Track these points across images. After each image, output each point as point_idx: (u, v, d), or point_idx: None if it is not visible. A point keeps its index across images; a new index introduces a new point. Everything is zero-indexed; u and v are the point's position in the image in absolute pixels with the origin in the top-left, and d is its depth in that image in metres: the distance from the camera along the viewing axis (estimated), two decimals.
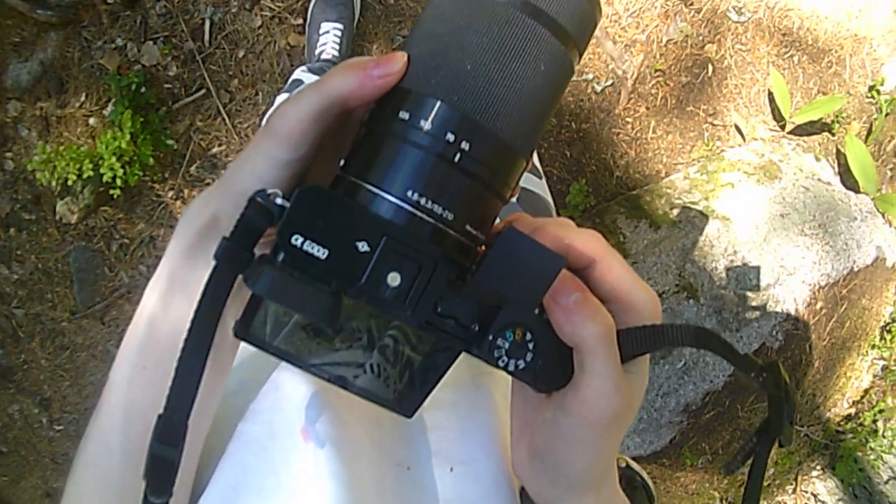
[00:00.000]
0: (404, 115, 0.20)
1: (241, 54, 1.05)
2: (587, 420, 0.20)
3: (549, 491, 0.22)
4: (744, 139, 1.16)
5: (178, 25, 1.06)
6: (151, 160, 1.05)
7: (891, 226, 1.31)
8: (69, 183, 1.08)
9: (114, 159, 1.04)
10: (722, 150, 1.14)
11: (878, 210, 1.24)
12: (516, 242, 0.19)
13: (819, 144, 1.22)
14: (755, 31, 1.13)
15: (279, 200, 0.19)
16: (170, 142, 1.07)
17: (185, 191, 1.11)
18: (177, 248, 0.22)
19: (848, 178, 1.23)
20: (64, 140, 1.15)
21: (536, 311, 0.20)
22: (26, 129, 1.17)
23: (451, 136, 0.20)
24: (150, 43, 1.08)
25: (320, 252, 0.18)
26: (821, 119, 1.20)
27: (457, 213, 0.20)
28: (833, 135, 1.23)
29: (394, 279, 0.19)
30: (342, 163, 0.21)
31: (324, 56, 0.97)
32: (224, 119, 1.06)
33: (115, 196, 1.07)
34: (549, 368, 0.21)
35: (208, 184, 1.10)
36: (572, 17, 0.21)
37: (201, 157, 1.09)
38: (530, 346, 0.20)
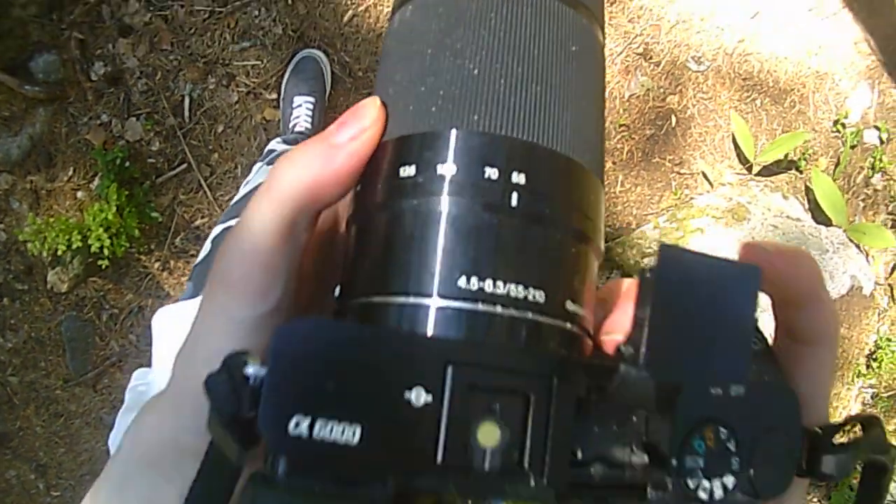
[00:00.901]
0: (407, 170, 0.14)
1: (219, 129, 1.09)
2: None
3: None
4: (711, 185, 1.19)
5: (160, 102, 1.10)
6: (137, 232, 1.08)
7: (866, 255, 1.34)
8: (59, 253, 1.11)
9: (101, 230, 1.08)
10: (691, 198, 1.17)
11: (850, 241, 1.26)
12: (680, 269, 0.11)
13: (787, 183, 1.25)
14: (715, 78, 1.18)
15: (251, 369, 0.11)
16: (154, 214, 1.10)
17: (171, 262, 1.14)
18: (110, 484, 0.15)
19: (819, 214, 1.25)
20: (53, 212, 1.19)
21: (718, 390, 0.12)
22: (17, 201, 1.21)
23: (491, 172, 0.13)
24: (134, 119, 1.12)
25: (348, 433, 0.10)
26: (787, 157, 1.24)
27: (548, 289, 0.13)
28: (801, 172, 1.27)
29: (488, 436, 0.11)
30: (337, 290, 0.15)
31: (297, 128, 1.01)
32: (206, 192, 1.10)
33: (103, 266, 1.10)
34: (768, 466, 0.13)
35: (193, 255, 1.14)
36: None
37: (185, 229, 1.12)
38: (731, 445, 0.12)
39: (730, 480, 0.13)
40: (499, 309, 0.13)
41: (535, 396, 0.11)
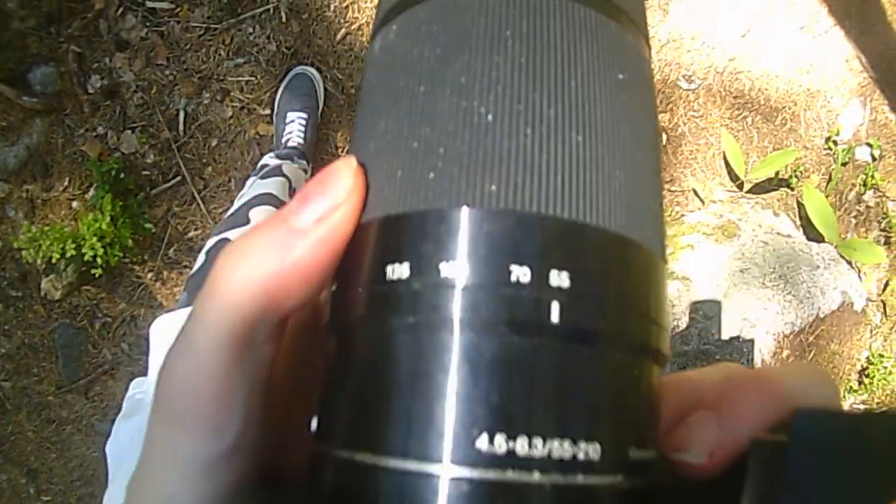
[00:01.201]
0: (398, 270, 0.10)
1: (213, 143, 1.10)
2: None
3: None
4: (702, 203, 1.19)
5: (155, 115, 1.12)
6: (131, 242, 1.10)
7: (858, 272, 1.34)
8: (53, 261, 1.13)
9: (95, 239, 1.09)
10: (682, 215, 1.18)
11: (842, 257, 1.27)
12: (822, 443, 0.08)
13: (778, 200, 1.26)
14: (706, 96, 1.18)
15: None
16: (148, 225, 1.11)
17: (164, 272, 1.15)
18: None
19: (810, 230, 1.26)
20: (49, 221, 1.20)
21: None
22: (13, 209, 1.22)
23: (521, 272, 0.09)
24: (129, 132, 1.13)
25: None
26: (778, 175, 1.24)
27: (605, 439, 0.09)
28: (792, 189, 1.27)
29: None
30: (315, 422, 0.11)
31: (290, 143, 1.03)
32: (199, 204, 1.11)
33: (97, 275, 1.11)
34: None
35: (186, 266, 1.15)
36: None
37: (178, 240, 1.13)
38: None
39: None
40: (536, 477, 0.09)
41: None
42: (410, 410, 0.09)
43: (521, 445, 0.09)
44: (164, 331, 0.48)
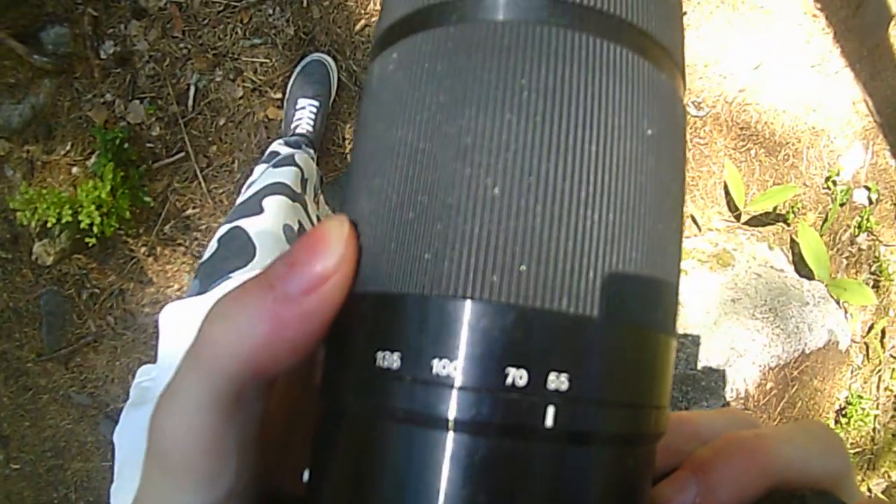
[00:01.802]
0: (388, 358, 0.09)
1: (221, 122, 1.10)
2: None
3: None
4: (699, 229, 1.21)
5: (165, 88, 1.11)
6: (128, 214, 1.08)
7: (845, 311, 1.36)
8: (48, 225, 1.11)
9: (93, 208, 1.08)
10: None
11: (831, 296, 1.28)
12: None
13: (774, 234, 1.27)
14: (713, 125, 1.20)
15: None
16: (147, 199, 1.10)
17: (158, 248, 1.14)
18: None
19: (802, 266, 1.27)
20: (47, 184, 1.19)
21: None
22: (12, 169, 1.21)
23: (517, 375, 0.09)
24: (137, 102, 1.12)
25: None
26: (775, 209, 1.26)
27: None
28: (788, 225, 1.29)
29: None
30: (307, 475, 0.11)
31: (299, 130, 1.02)
32: (200, 183, 1.10)
33: (90, 244, 1.09)
34: None
35: (180, 244, 1.14)
36: (653, 12, 0.10)
37: (176, 217, 1.12)
38: None
39: None
40: None
41: None
42: (385, 459, 0.09)
43: None
44: (173, 319, 0.48)
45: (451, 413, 0.09)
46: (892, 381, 1.53)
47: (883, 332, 1.47)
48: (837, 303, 1.30)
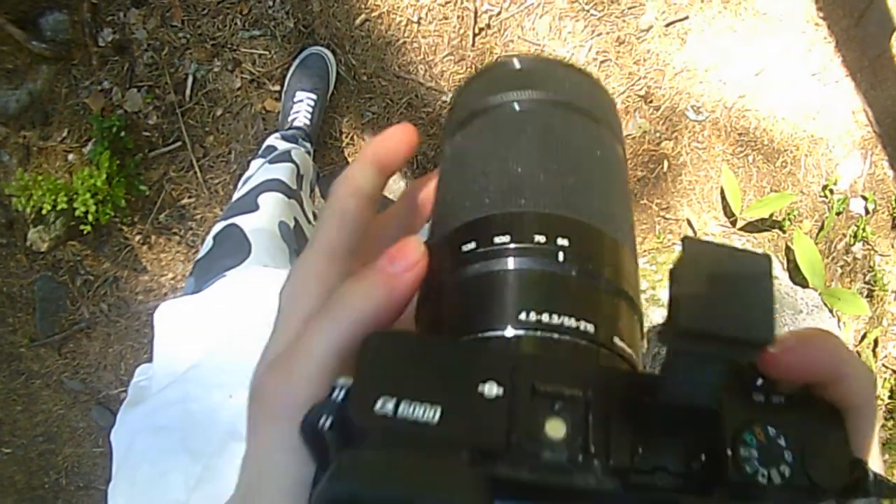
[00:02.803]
0: (468, 245, 0.16)
1: (218, 112, 1.09)
2: None
3: None
4: (695, 234, 1.21)
5: (163, 77, 1.10)
6: (123, 202, 1.08)
7: (839, 320, 1.36)
8: (43, 212, 1.11)
9: (88, 195, 1.08)
10: (673, 243, 1.19)
11: (825, 304, 1.29)
12: (706, 255, 0.12)
13: (769, 241, 1.27)
14: (712, 129, 1.19)
15: (340, 380, 0.13)
16: (143, 187, 1.10)
17: (153, 237, 1.14)
18: None
19: (796, 274, 1.27)
20: (42, 171, 1.19)
21: (759, 381, 0.14)
22: (8, 154, 1.21)
23: (540, 238, 0.15)
24: (135, 90, 1.12)
25: (429, 413, 0.12)
26: (771, 216, 1.26)
27: (597, 324, 0.15)
28: (784, 232, 1.29)
29: (555, 429, 0.12)
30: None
31: (296, 123, 1.02)
32: (196, 173, 1.10)
33: (85, 232, 1.09)
34: (823, 463, 0.13)
35: (175, 233, 1.14)
36: (599, 105, 0.19)
37: (171, 206, 1.12)
38: (781, 441, 0.13)
39: (786, 470, 0.13)
40: (555, 334, 0.14)
41: (593, 398, 0.13)
42: (486, 306, 0.15)
43: (545, 317, 0.15)
44: (170, 317, 0.48)
45: (508, 257, 0.16)
46: (884, 391, 1.53)
47: (876, 341, 1.47)
48: (831, 311, 1.30)
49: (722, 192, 1.21)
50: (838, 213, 1.32)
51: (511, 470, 0.12)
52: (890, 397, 1.54)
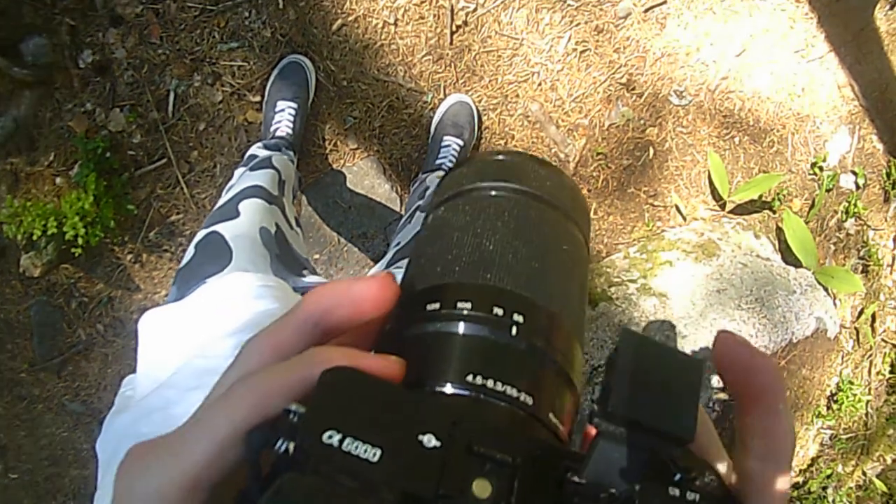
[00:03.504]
0: (433, 305, 0.17)
1: (201, 127, 1.10)
2: None
3: None
4: (684, 219, 1.20)
5: (145, 95, 1.10)
6: (112, 223, 1.09)
7: (834, 298, 1.36)
8: (34, 238, 1.11)
9: (77, 219, 1.08)
10: (662, 230, 1.19)
11: (819, 283, 1.28)
12: (644, 349, 0.14)
13: (760, 222, 1.27)
14: (696, 113, 1.19)
15: (293, 406, 0.14)
16: (130, 206, 1.10)
17: (144, 255, 1.14)
18: None
19: (789, 255, 1.27)
20: (31, 196, 1.19)
21: (677, 476, 0.15)
22: None
23: (498, 311, 0.17)
24: (118, 110, 1.12)
25: (369, 452, 0.13)
26: (761, 197, 1.25)
27: (535, 397, 0.16)
28: (774, 212, 1.28)
29: (481, 489, 0.13)
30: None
31: (278, 133, 1.02)
32: (183, 188, 1.10)
33: (76, 254, 1.10)
34: None
35: (165, 250, 1.14)
36: (572, 202, 0.21)
37: (160, 223, 1.12)
38: None
39: None
40: (496, 400, 0.16)
41: (522, 465, 0.13)
42: (436, 360, 0.17)
43: (489, 383, 0.16)
44: (152, 326, 0.48)
45: (466, 322, 0.17)
46: (884, 366, 1.53)
47: (873, 316, 1.46)
48: (825, 290, 1.30)
49: (709, 175, 1.20)
50: (828, 190, 1.32)
51: None
52: (891, 372, 1.54)
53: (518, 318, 0.17)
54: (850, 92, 1.33)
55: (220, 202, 0.67)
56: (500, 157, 0.22)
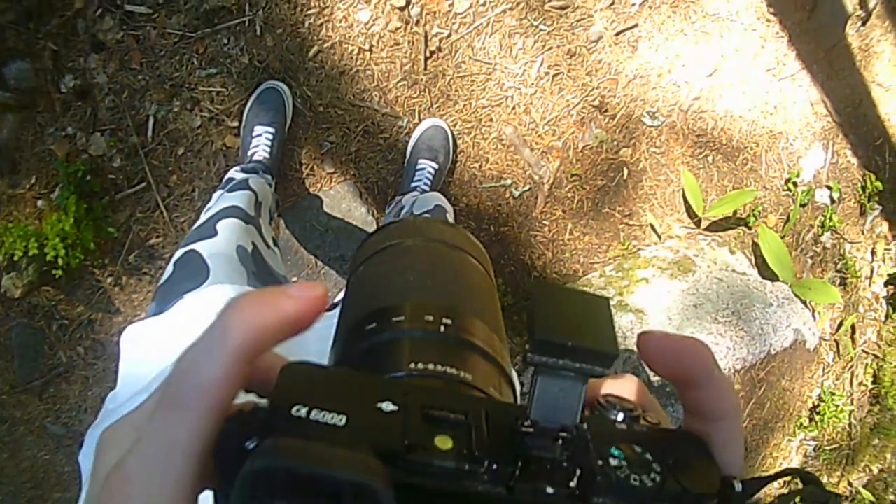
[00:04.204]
0: (370, 325, 0.20)
1: (180, 151, 1.11)
2: None
3: None
4: (659, 238, 1.22)
5: (125, 119, 1.12)
6: (93, 245, 1.10)
7: (812, 311, 1.37)
8: (15, 259, 1.12)
9: (57, 240, 1.09)
10: (638, 249, 1.20)
11: (796, 296, 1.30)
12: (555, 291, 0.16)
13: (735, 238, 1.29)
14: (669, 133, 1.21)
15: (261, 403, 0.14)
16: (111, 229, 1.11)
17: (124, 278, 1.15)
18: None
19: (765, 269, 1.29)
20: (13, 218, 1.20)
21: (621, 416, 0.17)
22: None
23: (429, 317, 0.20)
24: (98, 134, 1.14)
25: (336, 419, 0.13)
26: (735, 214, 1.27)
27: (474, 375, 0.18)
28: (749, 228, 1.30)
29: (444, 442, 0.14)
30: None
31: (255, 157, 1.03)
32: (162, 212, 1.11)
33: (57, 276, 1.10)
34: (693, 474, 0.15)
35: (145, 273, 1.15)
36: (471, 245, 0.25)
37: (140, 246, 1.13)
38: (648, 456, 0.15)
39: (657, 476, 0.14)
40: (440, 380, 0.18)
41: (474, 422, 0.15)
42: (386, 357, 0.19)
43: (430, 367, 0.18)
44: (134, 340, 0.49)
45: (405, 329, 0.20)
46: (866, 376, 1.54)
47: (853, 328, 1.48)
48: (804, 302, 1.32)
49: (683, 194, 1.22)
50: (803, 205, 1.34)
51: (405, 476, 0.13)
52: (873, 382, 1.55)
53: (446, 321, 0.20)
54: (822, 108, 1.36)
55: (198, 222, 0.69)
56: (402, 222, 0.26)
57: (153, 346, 0.48)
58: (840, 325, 1.45)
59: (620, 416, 0.17)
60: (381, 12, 1.08)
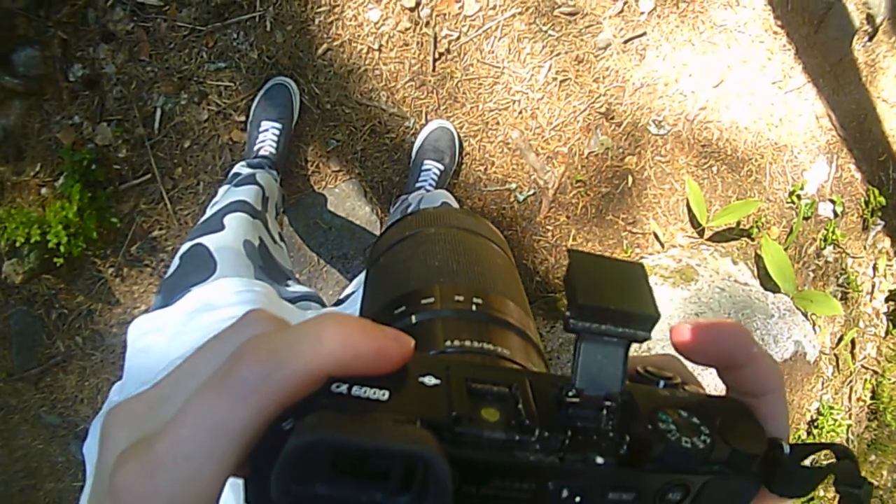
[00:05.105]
0: (400, 309, 0.20)
1: (186, 144, 1.11)
2: None
3: None
4: (662, 246, 1.22)
5: (132, 111, 1.12)
6: (95, 234, 1.09)
7: (813, 324, 1.37)
8: (17, 245, 1.12)
9: (60, 228, 1.09)
10: (641, 257, 1.20)
11: (797, 308, 1.30)
12: (592, 258, 0.15)
13: (738, 249, 1.29)
14: (674, 143, 1.21)
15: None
16: (114, 220, 1.11)
17: (125, 269, 1.15)
18: None
19: (767, 281, 1.29)
20: (16, 204, 1.20)
21: (661, 384, 0.17)
22: None
23: (459, 297, 0.20)
24: (105, 124, 1.14)
25: (379, 394, 0.13)
26: (739, 224, 1.27)
27: (511, 350, 0.18)
28: (752, 239, 1.30)
29: (491, 415, 0.13)
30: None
31: (262, 152, 1.03)
32: (166, 204, 1.11)
33: (58, 264, 1.10)
34: (741, 437, 0.15)
35: (146, 265, 1.15)
36: (489, 231, 0.25)
37: (142, 238, 1.13)
38: (696, 419, 0.14)
39: (706, 439, 0.14)
40: (476, 354, 0.18)
41: (520, 393, 0.14)
42: (423, 337, 0.19)
43: (466, 343, 0.19)
44: (141, 332, 0.49)
45: (437, 310, 0.20)
46: (865, 392, 1.54)
47: (853, 342, 1.48)
48: (805, 315, 1.32)
49: (687, 203, 1.22)
50: (806, 218, 1.34)
51: (454, 449, 0.13)
52: (872, 398, 1.55)
53: (476, 300, 0.20)
54: (828, 122, 1.36)
55: (205, 216, 0.69)
56: (420, 212, 0.26)
57: (161, 338, 0.48)
58: (840, 339, 1.45)
59: (661, 384, 0.17)
60: (392, 12, 1.09)
